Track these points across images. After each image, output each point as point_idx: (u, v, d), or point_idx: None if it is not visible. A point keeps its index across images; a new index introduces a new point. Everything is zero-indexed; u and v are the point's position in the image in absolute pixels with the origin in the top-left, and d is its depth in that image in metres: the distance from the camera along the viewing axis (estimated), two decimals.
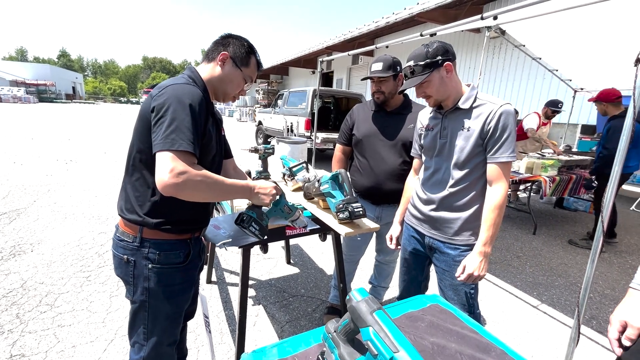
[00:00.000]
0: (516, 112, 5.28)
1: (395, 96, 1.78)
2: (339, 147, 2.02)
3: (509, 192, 4.64)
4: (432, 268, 1.53)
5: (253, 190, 1.11)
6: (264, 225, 1.16)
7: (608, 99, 3.32)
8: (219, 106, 28.60)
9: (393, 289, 2.36)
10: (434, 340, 0.91)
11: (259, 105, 19.65)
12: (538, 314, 2.35)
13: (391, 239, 1.62)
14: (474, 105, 1.28)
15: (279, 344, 0.88)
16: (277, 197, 1.17)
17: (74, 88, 50.00)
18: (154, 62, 77.04)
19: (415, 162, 1.59)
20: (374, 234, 2.09)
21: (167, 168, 0.88)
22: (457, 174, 1.32)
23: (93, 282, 2.41)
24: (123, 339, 1.88)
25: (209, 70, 1.14)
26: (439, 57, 1.24)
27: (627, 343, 0.90)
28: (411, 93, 1.52)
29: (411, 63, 1.28)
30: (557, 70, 4.92)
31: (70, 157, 6.89)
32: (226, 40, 1.15)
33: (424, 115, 1.50)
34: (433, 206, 1.39)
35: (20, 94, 29.83)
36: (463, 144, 1.29)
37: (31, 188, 4.58)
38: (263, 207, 1.17)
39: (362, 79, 2.04)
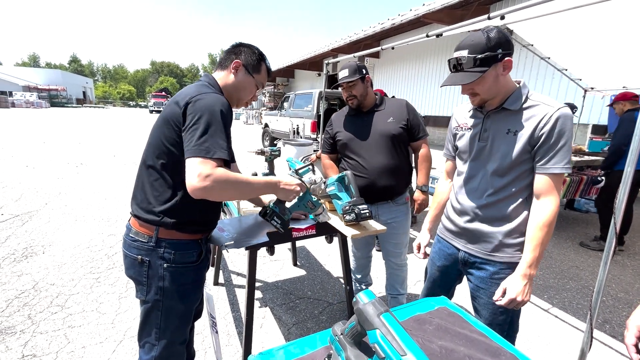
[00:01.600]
0: None
1: (368, 97, 1.85)
2: (325, 156, 2.03)
3: None
4: (457, 286, 1.43)
5: (279, 185, 1.18)
6: (286, 219, 1.21)
7: (626, 97, 3.43)
8: None
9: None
10: (442, 344, 0.90)
11: (265, 108, 19.77)
12: (549, 317, 2.30)
13: (419, 248, 1.45)
14: (524, 106, 1.11)
15: (286, 346, 0.88)
16: (302, 193, 1.24)
17: (84, 93, 50.98)
18: (162, 66, 78.14)
19: (448, 164, 1.44)
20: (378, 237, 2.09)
21: (195, 172, 0.94)
22: (496, 182, 1.17)
23: (102, 284, 2.44)
24: (132, 340, 1.89)
25: (223, 78, 1.20)
26: (500, 50, 1.04)
27: None
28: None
29: (463, 54, 1.08)
30: (566, 70, 4.84)
31: (81, 160, 7.01)
32: (238, 49, 1.21)
33: (461, 113, 1.32)
34: (468, 217, 1.25)
35: (33, 99, 30.55)
36: (506, 149, 1.13)
37: (43, 191, 4.67)
38: (287, 202, 1.22)
39: (333, 88, 2.07)
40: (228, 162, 1.03)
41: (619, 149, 3.24)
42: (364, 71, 1.81)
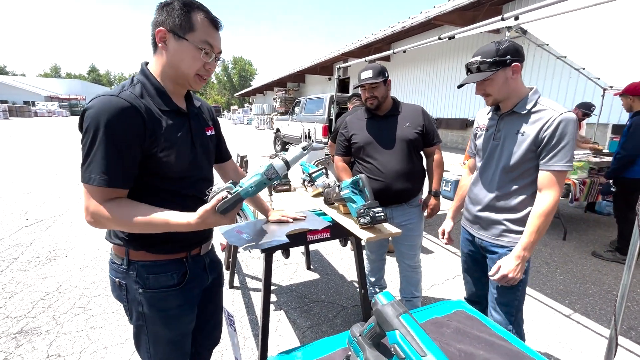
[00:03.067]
0: None
1: (387, 100, 1.87)
2: (339, 159, 2.03)
3: None
4: None
5: (197, 226, 0.88)
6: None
7: (636, 92, 3.06)
8: (237, 114, 29.13)
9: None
10: (460, 347, 0.89)
11: (276, 113, 19.97)
12: (571, 323, 2.23)
13: (442, 234, 1.65)
14: (532, 109, 1.27)
15: (304, 348, 0.89)
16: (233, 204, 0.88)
17: None
18: None
19: (471, 161, 1.64)
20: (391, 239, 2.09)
21: (84, 205, 0.85)
22: (505, 177, 1.33)
23: None
24: None
25: (157, 60, 0.93)
26: (508, 57, 1.22)
27: None
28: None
29: (478, 59, 1.27)
30: (583, 69, 4.73)
31: None
32: (158, 15, 0.89)
33: (481, 115, 1.52)
34: (480, 207, 1.43)
35: (54, 108, 31.81)
36: (515, 148, 1.29)
37: (65, 196, 4.85)
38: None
39: (355, 87, 2.01)
40: (118, 188, 0.85)
41: (629, 158, 2.97)
42: (386, 74, 1.84)
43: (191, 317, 1.07)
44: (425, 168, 1.99)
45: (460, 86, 1.41)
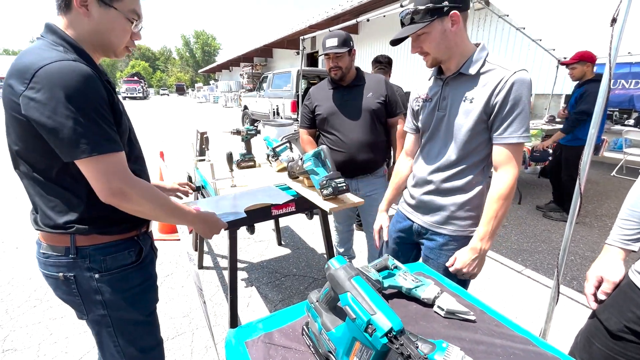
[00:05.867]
0: None
1: (350, 71, 1.84)
2: (304, 131, 2.01)
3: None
4: None
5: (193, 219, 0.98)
6: None
7: (592, 60, 3.13)
8: (202, 92, 27.74)
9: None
10: (416, 306, 0.93)
11: (244, 90, 19.22)
12: (522, 278, 2.44)
13: (378, 233, 1.40)
14: (481, 70, 1.05)
15: (265, 319, 0.89)
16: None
17: None
18: (132, 50, 74.18)
19: (409, 140, 1.35)
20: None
21: (102, 183, 0.78)
22: (453, 154, 1.12)
23: None
24: None
25: (73, 24, 0.81)
26: (445, 3, 0.99)
27: (602, 297, 0.94)
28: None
29: (410, 6, 1.04)
30: (540, 40, 4.89)
31: None
32: None
33: (421, 83, 1.26)
34: (424, 189, 1.22)
35: None
36: (464, 119, 1.07)
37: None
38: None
39: (319, 55, 1.99)
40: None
41: (583, 118, 3.09)
42: (351, 43, 1.78)
43: (155, 295, 1.04)
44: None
45: (394, 43, 1.11)
